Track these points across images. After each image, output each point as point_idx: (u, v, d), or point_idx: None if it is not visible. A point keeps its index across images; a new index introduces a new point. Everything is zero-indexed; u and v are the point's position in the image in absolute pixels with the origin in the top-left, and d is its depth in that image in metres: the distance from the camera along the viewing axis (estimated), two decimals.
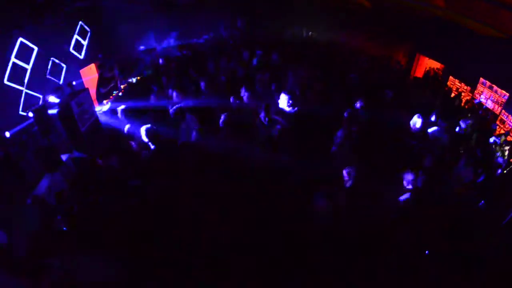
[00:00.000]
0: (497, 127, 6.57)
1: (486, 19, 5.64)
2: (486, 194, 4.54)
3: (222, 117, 4.96)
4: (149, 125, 4.65)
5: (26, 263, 3.47)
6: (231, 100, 5.89)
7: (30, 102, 5.10)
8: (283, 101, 5.39)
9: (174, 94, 6.19)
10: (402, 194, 4.04)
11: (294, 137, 4.97)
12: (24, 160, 4.55)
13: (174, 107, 5.49)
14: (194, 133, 5.05)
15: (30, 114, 4.59)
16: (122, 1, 7.84)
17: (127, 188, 4.25)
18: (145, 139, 4.64)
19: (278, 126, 5.06)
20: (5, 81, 4.69)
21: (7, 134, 5.00)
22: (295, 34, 11.73)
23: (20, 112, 5.05)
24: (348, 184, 4.01)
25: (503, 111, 6.68)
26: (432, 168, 4.59)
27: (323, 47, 10.46)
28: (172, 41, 10.76)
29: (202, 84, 6.60)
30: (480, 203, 4.50)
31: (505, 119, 6.48)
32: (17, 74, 4.87)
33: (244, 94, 5.95)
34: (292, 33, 11.62)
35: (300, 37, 11.88)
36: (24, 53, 5.01)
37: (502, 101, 6.74)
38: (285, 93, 5.42)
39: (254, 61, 8.51)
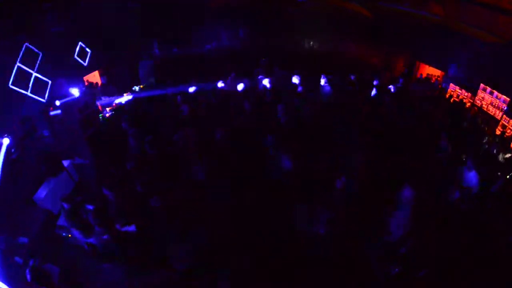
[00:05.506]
0: None
1: (485, 25, 5.70)
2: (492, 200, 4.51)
3: (219, 132, 5.01)
4: None
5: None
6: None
7: (33, 106, 5.13)
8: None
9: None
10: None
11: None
12: (26, 164, 4.54)
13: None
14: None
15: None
16: (125, 10, 7.97)
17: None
18: None
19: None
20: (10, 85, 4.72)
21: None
22: (297, 44, 11.92)
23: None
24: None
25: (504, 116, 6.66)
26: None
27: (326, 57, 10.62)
28: (174, 50, 10.91)
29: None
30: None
31: (506, 124, 6.46)
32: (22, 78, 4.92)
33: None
34: (294, 43, 11.80)
35: (301, 47, 12.06)
36: (29, 58, 5.09)
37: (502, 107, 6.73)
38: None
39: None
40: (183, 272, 3.53)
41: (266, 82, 6.68)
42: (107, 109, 7.53)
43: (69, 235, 4.10)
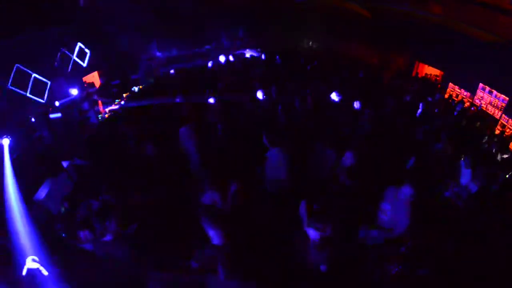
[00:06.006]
0: None
1: (484, 25, 5.71)
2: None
3: (219, 126, 5.00)
4: None
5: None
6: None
7: (33, 107, 5.13)
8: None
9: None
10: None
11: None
12: (26, 164, 4.54)
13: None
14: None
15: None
16: (125, 11, 7.96)
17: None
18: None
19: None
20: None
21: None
22: (297, 45, 11.95)
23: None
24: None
25: (503, 115, 6.68)
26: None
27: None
28: (174, 51, 10.91)
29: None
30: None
31: (505, 123, 6.48)
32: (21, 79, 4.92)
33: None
34: (294, 43, 11.82)
35: (301, 47, 12.09)
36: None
37: (501, 105, 6.74)
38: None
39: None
40: (183, 272, 3.52)
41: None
42: (106, 110, 7.54)
43: (69, 236, 4.09)
